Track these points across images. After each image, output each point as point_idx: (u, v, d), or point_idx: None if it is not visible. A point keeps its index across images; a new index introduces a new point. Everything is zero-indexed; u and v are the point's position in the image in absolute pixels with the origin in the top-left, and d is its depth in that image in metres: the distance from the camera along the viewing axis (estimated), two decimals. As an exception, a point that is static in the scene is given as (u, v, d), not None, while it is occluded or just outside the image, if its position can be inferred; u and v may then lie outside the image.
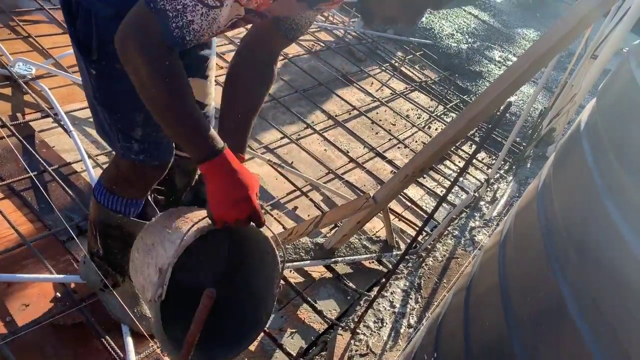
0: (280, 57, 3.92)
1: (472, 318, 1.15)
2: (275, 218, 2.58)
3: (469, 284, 1.22)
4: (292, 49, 4.16)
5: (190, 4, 1.01)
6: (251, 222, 1.18)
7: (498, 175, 3.60)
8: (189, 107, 1.13)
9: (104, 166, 2.49)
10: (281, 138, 3.18)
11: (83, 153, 2.39)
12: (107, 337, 1.78)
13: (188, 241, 1.15)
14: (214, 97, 1.77)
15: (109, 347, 1.76)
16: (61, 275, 1.91)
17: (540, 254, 1.00)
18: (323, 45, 4.46)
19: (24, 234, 1.97)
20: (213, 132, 1.18)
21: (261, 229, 1.21)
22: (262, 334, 2.02)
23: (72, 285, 1.91)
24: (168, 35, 1.04)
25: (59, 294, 1.86)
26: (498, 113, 4.00)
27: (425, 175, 3.43)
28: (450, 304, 1.31)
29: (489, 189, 3.40)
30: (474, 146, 3.98)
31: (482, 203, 3.26)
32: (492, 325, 1.06)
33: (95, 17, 1.22)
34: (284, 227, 2.52)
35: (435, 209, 1.66)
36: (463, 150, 3.84)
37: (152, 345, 1.83)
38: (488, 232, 2.91)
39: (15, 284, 1.85)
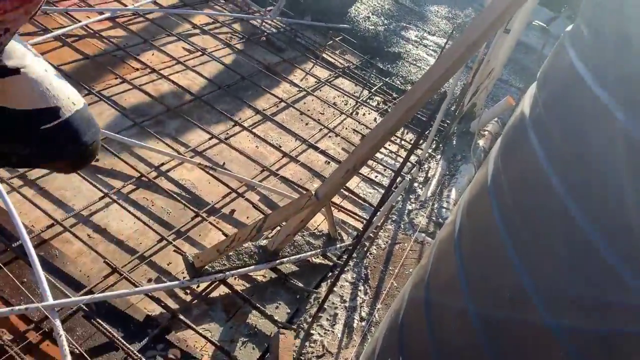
0: (198, 53, 3.78)
1: (434, 314, 1.14)
2: (213, 225, 2.49)
3: (427, 278, 1.21)
4: (210, 43, 4.01)
5: None
6: None
7: (427, 155, 3.67)
8: None
9: (22, 190, 2.28)
10: (209, 139, 3.06)
11: (-7, 178, 2.18)
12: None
13: None
14: None
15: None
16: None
17: (497, 243, 1.00)
18: (240, 36, 4.33)
19: None
20: None
21: None
22: (213, 348, 1.95)
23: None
24: None
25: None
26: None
27: (358, 162, 3.43)
28: (409, 300, 1.30)
29: (421, 170, 3.46)
30: (405, 130, 4.03)
31: (415, 184, 3.31)
32: (455, 320, 1.06)
33: None
34: (224, 234, 2.44)
35: (381, 201, 1.64)
36: (394, 135, 3.87)
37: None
38: (425, 213, 2.96)
39: None
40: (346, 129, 3.75)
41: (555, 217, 0.86)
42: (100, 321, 1.85)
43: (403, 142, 3.85)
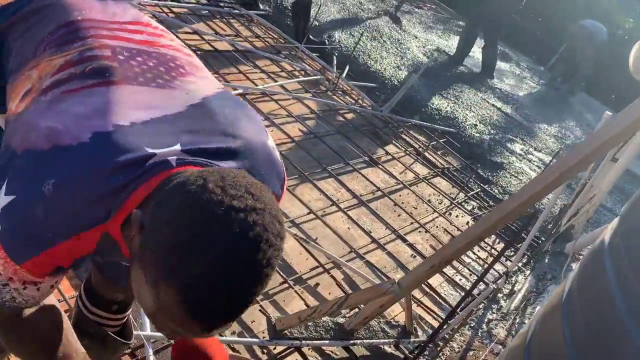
0: (311, 135, 4.13)
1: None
2: (297, 293, 2.65)
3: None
4: (322, 128, 4.37)
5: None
6: None
7: (516, 268, 3.65)
8: None
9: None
10: (307, 213, 3.30)
11: None
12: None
13: None
14: None
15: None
16: None
17: (564, 357, 1.07)
18: (351, 126, 4.67)
19: None
20: None
21: None
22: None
23: None
24: None
25: None
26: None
27: (444, 262, 3.49)
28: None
29: (507, 282, 3.44)
30: (497, 240, 4.05)
31: (499, 295, 3.30)
32: None
33: None
34: (306, 304, 2.59)
35: (459, 303, 1.73)
36: (484, 242, 3.91)
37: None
38: (505, 325, 2.93)
39: None
40: (437, 227, 3.85)
41: (619, 340, 0.93)
42: None
43: (493, 251, 3.86)
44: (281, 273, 2.72)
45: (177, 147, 0.94)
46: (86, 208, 0.89)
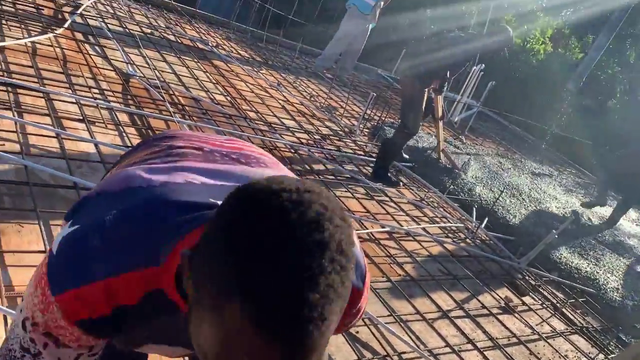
0: (450, 276, 4.46)
1: None
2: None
3: None
4: (460, 272, 4.68)
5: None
6: None
7: None
8: None
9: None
10: (444, 346, 3.54)
11: None
12: None
13: None
14: None
15: None
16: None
17: None
18: (489, 273, 4.92)
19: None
20: None
21: None
22: None
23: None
24: None
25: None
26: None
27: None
28: None
29: None
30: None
31: None
32: None
33: None
34: None
35: None
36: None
37: None
38: None
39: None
40: (574, 383, 3.82)
41: None
42: None
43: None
44: (420, 394, 2.97)
45: None
46: (140, 244, 0.86)
